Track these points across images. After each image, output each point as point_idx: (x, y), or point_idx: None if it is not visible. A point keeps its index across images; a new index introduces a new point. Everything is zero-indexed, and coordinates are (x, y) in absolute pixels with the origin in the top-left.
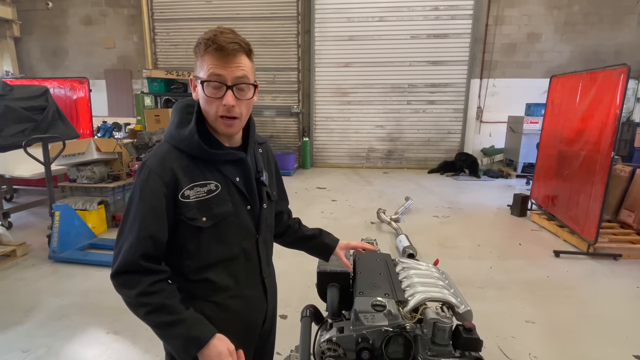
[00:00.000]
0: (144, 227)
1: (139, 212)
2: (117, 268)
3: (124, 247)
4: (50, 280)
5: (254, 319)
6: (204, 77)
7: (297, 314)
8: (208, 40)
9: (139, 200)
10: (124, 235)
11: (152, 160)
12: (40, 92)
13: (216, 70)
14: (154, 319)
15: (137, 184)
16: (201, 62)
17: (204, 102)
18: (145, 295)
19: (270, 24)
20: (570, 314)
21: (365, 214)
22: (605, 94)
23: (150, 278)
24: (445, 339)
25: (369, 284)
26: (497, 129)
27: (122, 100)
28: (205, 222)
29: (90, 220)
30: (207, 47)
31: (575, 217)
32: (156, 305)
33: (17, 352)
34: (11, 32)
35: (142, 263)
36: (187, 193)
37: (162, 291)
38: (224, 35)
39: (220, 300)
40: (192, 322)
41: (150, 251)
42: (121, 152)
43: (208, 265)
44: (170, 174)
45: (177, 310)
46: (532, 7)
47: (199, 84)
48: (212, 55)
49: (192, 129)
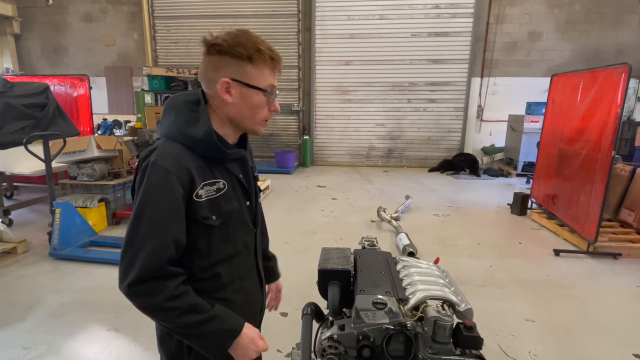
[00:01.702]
0: (167, 231)
1: (159, 215)
2: (138, 276)
3: (143, 254)
4: (51, 278)
5: (254, 310)
6: (264, 86)
7: (298, 312)
8: (268, 50)
9: (157, 202)
10: (139, 240)
11: (165, 160)
12: (41, 89)
13: (274, 82)
14: (186, 321)
15: (151, 185)
16: (258, 70)
17: (253, 108)
18: (173, 299)
19: (271, 21)
20: (570, 313)
21: (366, 212)
22: (606, 93)
23: (175, 281)
24: (446, 337)
25: (370, 282)
26: (497, 128)
27: (122, 98)
28: (215, 220)
29: (91, 217)
30: (269, 57)
31: (575, 216)
32: (186, 307)
33: (18, 349)
34: (11, 29)
35: (167, 268)
36: (200, 192)
37: (187, 292)
38: (267, 44)
39: (226, 295)
40: (223, 315)
41: (174, 255)
42: (121, 150)
43: (216, 263)
44: (186, 174)
45: (207, 308)
46: (533, 5)
47: (254, 90)
48: (270, 66)
49: (210, 129)
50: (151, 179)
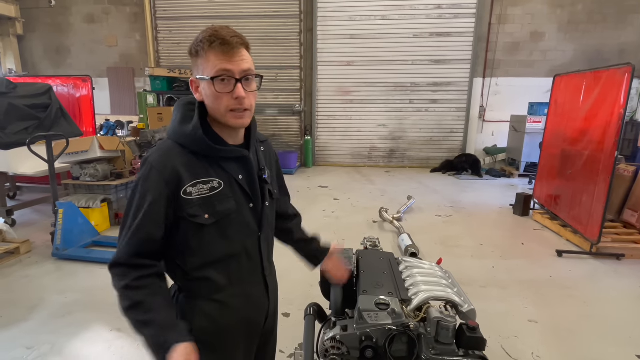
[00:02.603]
0: (140, 224)
1: (137, 208)
2: (113, 260)
3: (123, 242)
4: (54, 278)
5: (255, 316)
6: (212, 73)
7: (301, 313)
8: (211, 37)
9: (139, 196)
10: (125, 229)
11: (154, 156)
12: (44, 90)
13: (224, 65)
14: (131, 316)
15: (138, 179)
16: (205, 60)
17: (213, 99)
18: (126, 288)
19: (273, 22)
20: (573, 314)
21: (368, 212)
22: (609, 94)
23: (137, 273)
24: (449, 338)
25: (373, 283)
26: (499, 128)
27: (124, 99)
28: (207, 219)
29: (94, 218)
30: (211, 43)
31: (578, 217)
32: (134, 301)
33: (21, 348)
34: (14, 30)
35: (132, 258)
36: (189, 190)
37: (144, 287)
38: (224, 31)
39: (221, 298)
40: (163, 325)
41: (142, 247)
42: (124, 150)
43: (210, 263)
44: (172, 170)
45: (150, 309)
46: (535, 5)
47: (207, 81)
48: (217, 50)
49: (196, 124)
50: (139, 174)
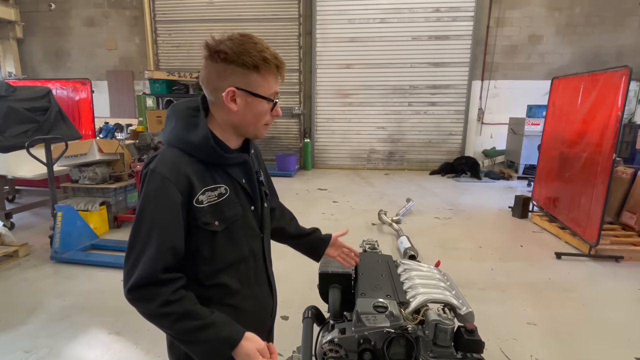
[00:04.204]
0: (164, 238)
1: (156, 221)
2: (135, 282)
3: (142, 260)
4: (52, 281)
5: (264, 317)
6: (269, 95)
7: (299, 315)
8: (273, 58)
9: (155, 209)
10: (138, 246)
11: (163, 167)
12: (43, 93)
13: (277, 89)
14: (181, 327)
15: (149, 192)
16: (263, 79)
17: (256, 115)
18: (167, 304)
19: (272, 25)
20: (572, 316)
21: (367, 215)
22: (607, 96)
23: (170, 288)
24: (447, 341)
25: (371, 285)
26: (498, 131)
27: (124, 101)
28: (218, 226)
29: (92, 221)
30: (271, 65)
31: (576, 219)
32: (182, 313)
33: (20, 352)
34: (14, 33)
35: (161, 275)
36: (200, 198)
37: (183, 299)
38: (272, 50)
39: (234, 302)
40: (220, 323)
41: (170, 262)
42: (123, 153)
43: (222, 269)
44: (185, 180)
45: (203, 315)
46: (533, 8)
47: (258, 98)
48: (274, 74)
49: (207, 134)
50: (149, 187)
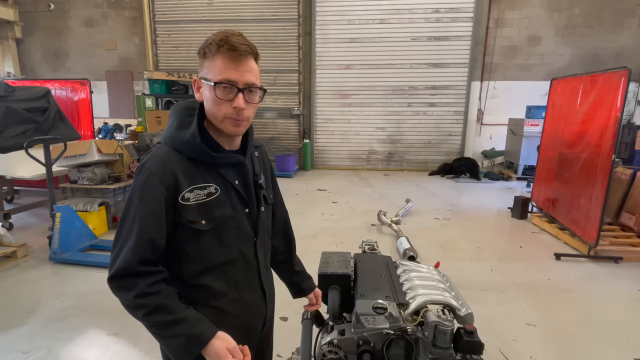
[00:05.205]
0: (144, 231)
1: (138, 214)
2: (115, 272)
3: (123, 251)
4: (51, 282)
5: (254, 322)
6: (215, 78)
7: (298, 317)
8: (221, 41)
9: (138, 202)
10: (122, 238)
11: (151, 162)
12: (42, 93)
13: (228, 74)
14: (154, 320)
15: (136, 185)
16: (211, 63)
17: (212, 104)
18: (142, 296)
19: (272, 26)
20: (571, 317)
21: (366, 216)
22: (606, 97)
23: (147, 280)
24: (447, 342)
25: (370, 287)
26: (497, 132)
27: (123, 102)
28: (204, 225)
29: (91, 221)
30: (219, 47)
31: (576, 220)
32: (155, 306)
33: (18, 353)
34: (13, 33)
35: (138, 267)
36: (187, 195)
37: (160, 292)
38: (235, 37)
39: (220, 305)
40: (193, 320)
41: (148, 255)
42: (122, 154)
43: (207, 269)
44: (171, 176)
45: (177, 310)
46: (532, 9)
47: (209, 85)
48: (224, 56)
49: (194, 131)
50: (137, 181)
